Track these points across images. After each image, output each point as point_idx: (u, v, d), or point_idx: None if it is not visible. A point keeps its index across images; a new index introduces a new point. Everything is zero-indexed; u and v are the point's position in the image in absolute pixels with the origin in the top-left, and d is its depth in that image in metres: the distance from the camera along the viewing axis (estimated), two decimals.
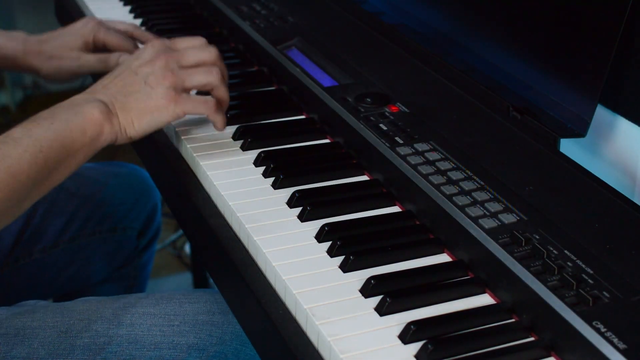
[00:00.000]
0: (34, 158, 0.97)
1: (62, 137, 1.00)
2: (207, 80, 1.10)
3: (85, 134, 1.02)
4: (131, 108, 1.06)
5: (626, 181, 1.02)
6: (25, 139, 0.98)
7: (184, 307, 1.12)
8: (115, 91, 1.07)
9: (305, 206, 0.99)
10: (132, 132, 1.06)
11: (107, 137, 1.04)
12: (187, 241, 2.51)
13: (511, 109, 1.07)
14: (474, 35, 1.19)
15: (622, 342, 0.75)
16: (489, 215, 0.91)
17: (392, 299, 0.84)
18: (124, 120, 1.05)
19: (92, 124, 1.03)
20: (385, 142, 1.04)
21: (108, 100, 1.05)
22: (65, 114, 1.02)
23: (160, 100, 1.06)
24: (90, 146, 1.03)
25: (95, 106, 1.03)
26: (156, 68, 1.08)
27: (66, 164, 1.01)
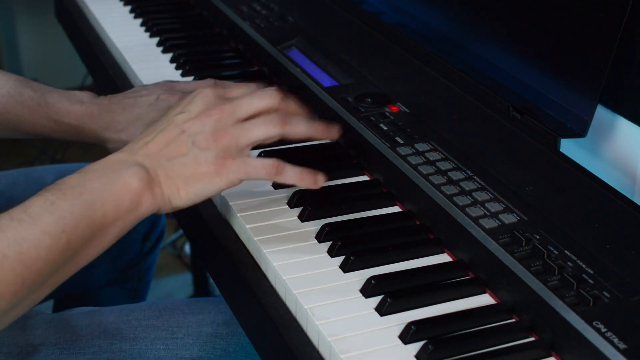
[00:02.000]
0: (54, 241, 0.81)
1: (91, 211, 0.84)
2: (268, 133, 0.92)
3: (120, 207, 0.86)
4: (177, 175, 0.90)
5: (626, 181, 1.02)
6: (46, 216, 0.81)
7: (188, 318, 1.10)
8: (158, 153, 0.90)
9: (305, 206, 0.99)
10: (177, 202, 0.91)
11: (147, 209, 0.89)
12: (187, 241, 2.52)
13: (511, 109, 1.07)
14: (474, 35, 1.19)
15: (622, 342, 0.75)
16: (489, 215, 0.91)
17: (393, 299, 0.84)
18: (168, 189, 0.90)
19: (130, 194, 0.87)
20: (386, 142, 1.04)
21: (150, 164, 0.89)
22: (97, 182, 0.86)
23: (211, 166, 0.90)
24: (126, 220, 0.87)
25: (134, 173, 0.87)
26: (207, 126, 0.91)
27: (95, 243, 0.86)
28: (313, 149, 1.14)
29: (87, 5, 1.60)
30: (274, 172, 0.92)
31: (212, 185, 0.91)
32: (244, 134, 0.92)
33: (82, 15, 1.61)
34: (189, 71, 1.35)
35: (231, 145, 0.91)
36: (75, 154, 2.98)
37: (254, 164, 0.92)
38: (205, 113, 0.92)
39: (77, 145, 2.98)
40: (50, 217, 0.82)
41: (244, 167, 0.92)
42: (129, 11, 1.59)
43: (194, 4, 1.62)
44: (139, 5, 1.60)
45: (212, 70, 1.37)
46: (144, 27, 1.52)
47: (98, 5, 1.60)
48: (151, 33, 1.49)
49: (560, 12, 1.04)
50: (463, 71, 1.16)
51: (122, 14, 1.58)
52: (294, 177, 0.92)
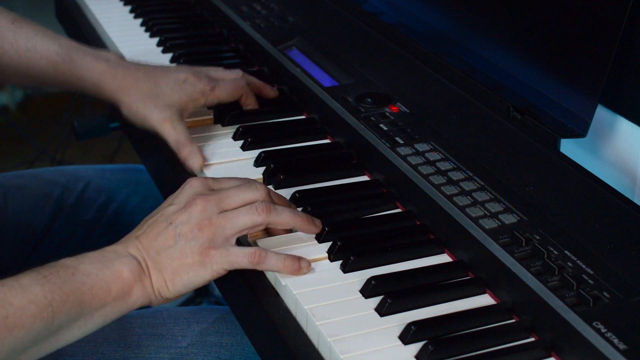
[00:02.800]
0: (40, 312, 0.82)
1: (80, 292, 0.85)
2: (253, 221, 0.92)
3: (109, 293, 0.87)
4: (164, 267, 0.90)
5: (626, 181, 1.02)
6: (36, 287, 0.83)
7: (192, 327, 1.09)
8: (148, 245, 0.91)
9: (305, 207, 0.99)
10: (166, 293, 0.91)
11: (137, 300, 0.89)
12: None
13: (511, 109, 1.07)
14: (474, 35, 1.19)
15: (622, 342, 0.75)
16: (489, 215, 0.91)
17: (393, 300, 0.84)
18: (157, 282, 0.90)
19: (120, 283, 0.88)
20: (386, 142, 1.04)
21: (140, 256, 0.91)
22: (91, 267, 0.87)
23: (196, 257, 0.90)
24: (114, 307, 0.88)
25: (126, 263, 0.89)
26: (192, 217, 0.91)
27: (79, 323, 0.87)
28: (313, 149, 1.14)
29: (87, 5, 1.60)
30: (256, 260, 0.91)
31: (197, 278, 0.91)
32: (229, 223, 0.91)
33: (82, 15, 1.61)
34: None
35: (216, 235, 0.91)
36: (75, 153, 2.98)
37: (236, 253, 0.91)
38: (191, 203, 0.92)
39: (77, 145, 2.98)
40: (40, 289, 0.83)
41: (227, 257, 0.91)
42: (129, 11, 1.59)
43: (194, 4, 1.62)
44: (139, 5, 1.60)
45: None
46: (144, 27, 1.52)
47: (98, 5, 1.60)
48: (151, 33, 1.49)
49: (561, 12, 1.04)
50: (463, 71, 1.16)
51: (122, 14, 1.58)
52: (277, 265, 0.91)
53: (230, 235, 0.91)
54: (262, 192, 0.94)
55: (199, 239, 0.90)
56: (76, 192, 1.42)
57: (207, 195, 0.93)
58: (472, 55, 1.18)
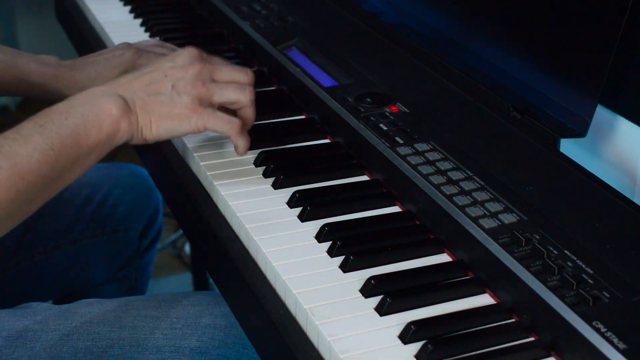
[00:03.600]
0: (44, 157, 0.91)
1: (76, 133, 0.94)
2: (238, 97, 1.05)
3: (101, 131, 0.97)
4: (152, 110, 1.00)
5: (626, 181, 1.02)
6: (36, 136, 0.92)
7: (187, 309, 1.11)
8: (139, 89, 1.01)
9: (305, 206, 0.99)
10: (148, 134, 1.01)
11: (123, 135, 0.99)
12: (187, 241, 2.52)
13: (511, 109, 1.07)
14: (474, 35, 1.19)
15: (622, 342, 0.75)
16: (489, 215, 0.91)
17: (392, 299, 0.84)
18: (143, 121, 1.00)
19: (110, 120, 0.97)
20: (386, 142, 1.04)
21: (129, 97, 1.00)
22: (81, 108, 0.96)
23: (184, 109, 1.01)
24: (106, 144, 0.98)
25: (114, 101, 0.98)
26: (188, 75, 1.02)
27: (79, 162, 0.96)
28: (313, 149, 1.14)
29: (87, 5, 1.60)
30: (237, 130, 1.04)
31: (180, 126, 1.02)
32: (218, 92, 1.03)
33: (82, 15, 1.61)
34: None
35: (205, 96, 1.02)
36: None
37: (221, 117, 1.03)
38: (189, 64, 1.04)
39: None
40: (40, 137, 0.92)
41: (213, 117, 1.02)
42: (129, 11, 1.59)
43: (194, 4, 1.62)
44: (139, 5, 1.60)
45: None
46: (144, 27, 1.52)
47: (98, 5, 1.60)
48: (151, 33, 1.49)
49: (560, 12, 1.04)
50: (463, 71, 1.16)
51: (122, 14, 1.58)
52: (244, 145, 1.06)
53: (216, 102, 1.04)
54: (250, 76, 1.08)
55: (191, 94, 1.01)
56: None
57: (204, 63, 1.05)
58: (472, 55, 1.18)
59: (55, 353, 1.07)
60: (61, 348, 1.08)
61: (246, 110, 1.07)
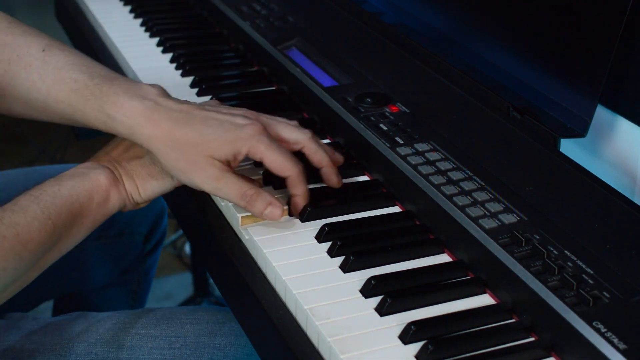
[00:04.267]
0: (42, 225, 0.94)
1: (69, 203, 0.97)
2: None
3: (92, 200, 0.99)
4: (136, 174, 1.02)
5: (626, 181, 1.02)
6: (33, 206, 0.94)
7: (186, 327, 1.10)
8: (118, 156, 1.04)
9: (306, 207, 0.99)
10: (138, 198, 1.03)
11: (114, 204, 1.01)
12: (187, 241, 2.51)
13: (511, 109, 1.07)
14: (474, 35, 1.19)
15: (622, 342, 0.75)
16: (489, 215, 0.91)
17: (393, 299, 0.84)
18: (130, 187, 1.02)
19: (99, 189, 0.99)
20: (386, 142, 1.04)
21: (112, 166, 1.02)
22: (72, 181, 0.99)
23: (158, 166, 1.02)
24: (98, 213, 1.00)
25: (101, 172, 1.00)
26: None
27: (74, 230, 0.98)
28: None
29: (87, 5, 1.60)
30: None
31: (165, 184, 1.03)
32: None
33: (82, 15, 1.61)
34: (189, 71, 1.35)
35: None
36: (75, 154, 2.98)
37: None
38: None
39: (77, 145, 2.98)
40: (37, 207, 0.94)
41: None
42: (129, 11, 1.59)
43: (194, 4, 1.62)
44: (139, 5, 1.60)
45: (212, 70, 1.37)
46: (144, 27, 1.52)
47: (98, 5, 1.60)
48: (151, 33, 1.49)
49: (560, 12, 1.04)
50: (463, 71, 1.16)
51: (122, 14, 1.58)
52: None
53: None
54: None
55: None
56: None
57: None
58: (472, 55, 1.18)
59: None
60: None
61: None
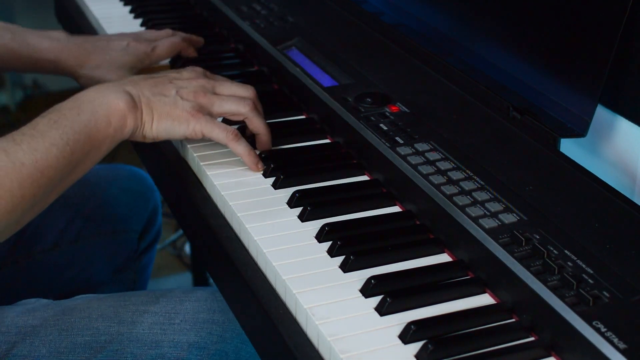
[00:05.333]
0: (61, 151, 0.96)
1: (88, 128, 0.99)
2: (237, 108, 1.10)
3: (110, 125, 1.02)
4: (155, 108, 1.06)
5: (626, 181, 1.02)
6: (53, 131, 0.97)
7: (185, 305, 1.12)
8: (145, 88, 1.07)
9: (305, 206, 0.99)
10: (148, 131, 1.06)
11: (129, 130, 1.04)
12: (187, 241, 2.51)
13: (511, 109, 1.07)
14: (474, 35, 1.19)
15: (622, 342, 0.75)
16: (489, 215, 0.91)
17: (393, 299, 0.84)
18: (146, 117, 1.05)
19: (117, 114, 1.02)
20: (386, 142, 1.04)
21: (135, 93, 1.06)
22: (90, 105, 1.01)
23: (184, 112, 1.07)
24: (114, 137, 1.03)
25: (121, 97, 1.03)
26: (191, 85, 1.09)
27: (91, 155, 1.01)
28: (313, 149, 1.14)
29: (87, 5, 1.60)
30: (231, 137, 1.07)
31: (179, 128, 1.07)
32: (218, 102, 1.09)
33: (82, 15, 1.61)
34: None
35: (205, 105, 1.08)
36: None
37: (218, 124, 1.08)
38: (194, 77, 1.11)
39: None
40: (56, 132, 0.97)
41: (210, 124, 1.07)
42: (129, 11, 1.59)
43: (194, 4, 1.62)
44: (139, 5, 1.60)
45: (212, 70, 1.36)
46: (144, 27, 1.52)
47: (98, 5, 1.60)
48: None
49: (561, 12, 1.04)
50: (463, 71, 1.16)
51: (122, 14, 1.58)
52: (243, 150, 1.08)
53: (215, 112, 1.09)
54: (252, 91, 1.13)
55: (192, 101, 1.07)
56: None
57: (207, 78, 1.12)
58: (472, 55, 1.18)
59: (54, 348, 1.08)
60: (60, 343, 1.08)
61: (250, 121, 1.10)
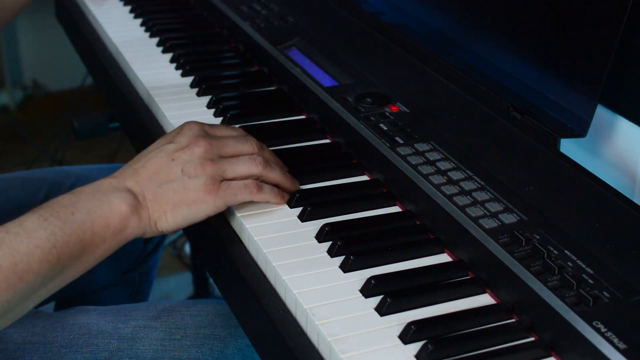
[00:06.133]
0: (45, 255, 0.85)
1: (81, 230, 0.88)
2: (250, 170, 0.98)
3: (108, 228, 0.90)
4: (165, 200, 0.94)
5: (626, 181, 1.02)
6: (40, 231, 0.86)
7: (186, 320, 1.11)
8: (147, 179, 0.95)
9: (305, 206, 0.99)
10: (164, 225, 0.95)
11: (132, 232, 0.93)
12: (187, 241, 2.52)
13: (511, 109, 1.07)
14: (474, 35, 1.19)
15: (622, 342, 0.75)
16: (489, 215, 0.91)
17: (393, 299, 0.84)
18: (155, 213, 0.94)
19: (118, 217, 0.91)
20: (386, 142, 1.04)
21: (139, 190, 0.94)
22: (88, 204, 0.90)
23: (199, 192, 0.94)
24: (112, 241, 0.92)
25: (123, 197, 0.92)
26: (195, 156, 0.96)
27: (82, 260, 0.90)
28: (313, 149, 1.14)
29: (87, 5, 1.60)
30: (255, 192, 0.97)
31: (199, 211, 0.95)
32: (230, 168, 0.97)
33: (82, 15, 1.61)
34: (189, 71, 1.35)
35: (217, 174, 0.96)
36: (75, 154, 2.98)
37: (237, 189, 0.97)
38: (193, 143, 0.97)
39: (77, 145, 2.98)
40: (44, 233, 0.86)
41: (229, 192, 0.96)
42: (129, 11, 1.59)
43: (194, 4, 1.62)
44: (139, 5, 1.60)
45: (212, 70, 1.37)
46: (144, 27, 1.52)
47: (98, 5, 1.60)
48: (151, 33, 1.49)
49: (560, 12, 1.04)
50: (463, 71, 1.16)
51: (122, 14, 1.58)
52: (270, 198, 0.99)
53: (229, 178, 0.97)
54: (257, 147, 1.01)
55: (202, 176, 0.95)
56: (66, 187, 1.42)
57: (209, 139, 0.98)
58: (472, 55, 1.18)
59: None
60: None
61: (267, 178, 1.00)
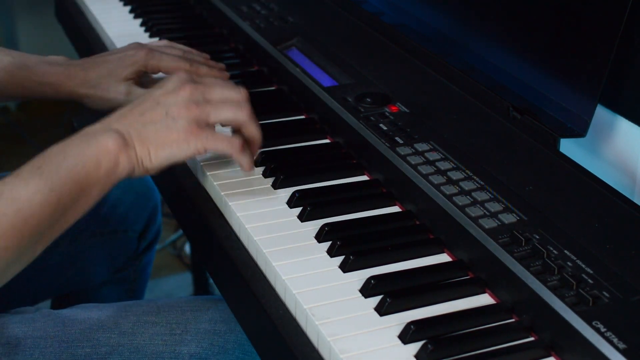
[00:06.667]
0: (45, 198, 0.90)
1: (74, 172, 0.92)
2: (235, 115, 1.01)
3: (99, 168, 0.94)
4: (149, 139, 0.97)
5: (626, 181, 1.02)
6: (36, 179, 0.90)
7: (186, 315, 1.11)
8: (133, 120, 0.98)
9: (305, 206, 0.99)
10: (148, 164, 0.98)
11: (123, 170, 0.96)
12: (187, 241, 2.52)
13: (511, 109, 1.07)
14: (474, 35, 1.19)
15: (622, 342, 0.75)
16: (489, 215, 0.91)
17: (392, 299, 0.84)
18: (141, 152, 0.97)
19: (107, 156, 0.94)
20: (385, 142, 1.04)
21: (124, 130, 0.97)
22: (77, 148, 0.94)
23: (181, 133, 0.98)
24: (106, 180, 0.95)
25: (110, 136, 0.95)
26: (179, 99, 0.99)
27: (81, 201, 0.94)
28: (313, 149, 1.14)
29: (87, 5, 1.60)
30: (237, 149, 1.01)
31: (180, 151, 0.98)
32: (214, 112, 1.00)
33: (82, 15, 1.61)
34: None
35: (201, 118, 0.99)
36: None
37: (221, 137, 1.00)
38: (179, 87, 1.00)
39: None
40: (40, 179, 0.90)
41: (212, 138, 0.99)
42: (128, 11, 1.59)
43: (194, 4, 1.62)
44: (139, 5, 1.60)
45: None
46: (143, 27, 1.52)
47: (98, 5, 1.60)
48: (151, 33, 1.49)
49: (560, 12, 1.04)
50: (463, 71, 1.16)
51: (122, 13, 1.58)
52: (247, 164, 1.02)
53: (212, 122, 1.00)
54: (243, 93, 1.03)
55: (186, 118, 0.98)
56: None
57: (195, 84, 1.01)
58: (472, 55, 1.18)
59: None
60: (60, 355, 1.07)
61: (247, 127, 1.03)
